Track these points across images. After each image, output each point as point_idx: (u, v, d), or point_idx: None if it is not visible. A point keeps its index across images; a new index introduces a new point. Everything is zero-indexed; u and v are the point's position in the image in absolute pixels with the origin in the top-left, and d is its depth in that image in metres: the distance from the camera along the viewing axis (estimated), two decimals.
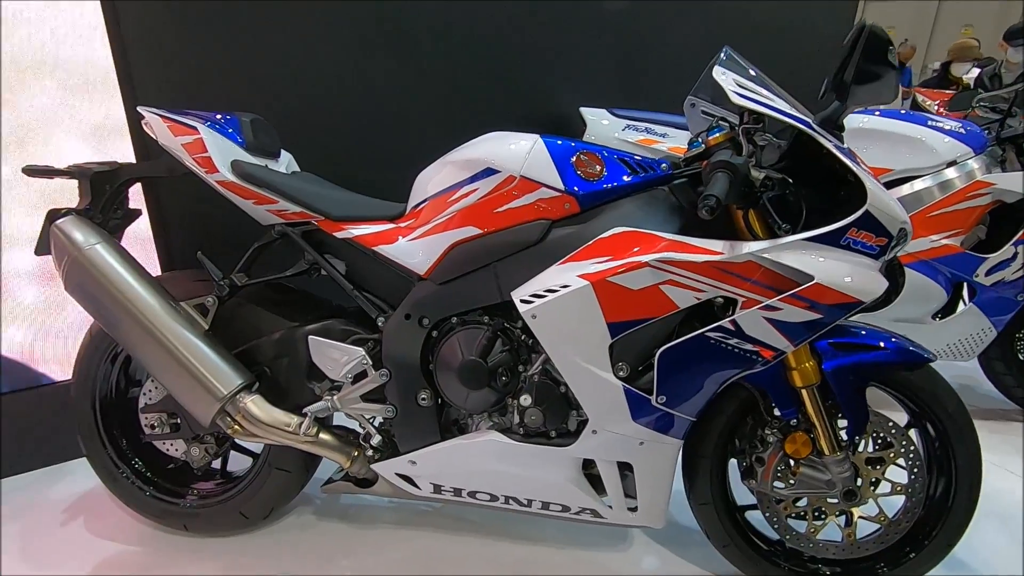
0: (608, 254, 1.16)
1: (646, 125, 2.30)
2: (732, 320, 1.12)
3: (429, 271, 1.30)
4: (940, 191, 2.02)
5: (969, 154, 2.03)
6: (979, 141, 2.04)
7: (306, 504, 1.76)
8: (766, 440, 1.33)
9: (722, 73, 1.18)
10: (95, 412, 1.57)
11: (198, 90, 1.85)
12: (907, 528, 1.36)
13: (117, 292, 1.30)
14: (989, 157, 2.05)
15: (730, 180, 1.05)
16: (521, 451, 1.29)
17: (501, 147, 1.24)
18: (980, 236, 2.06)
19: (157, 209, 1.91)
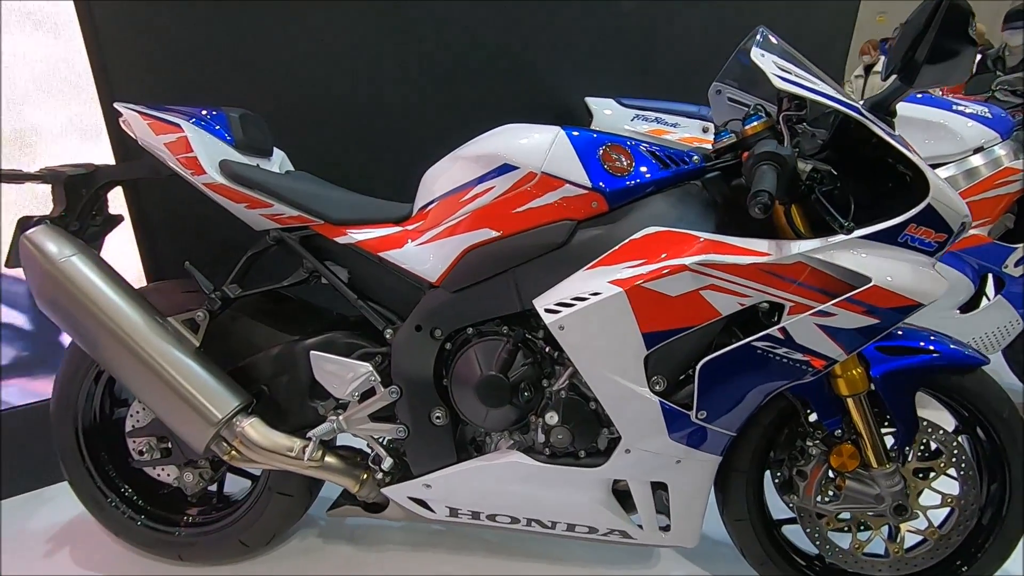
0: (641, 257, 1.05)
1: (656, 115, 2.19)
2: (782, 328, 1.02)
3: (441, 278, 1.19)
4: (966, 179, 1.93)
5: (996, 139, 1.94)
6: (1006, 125, 1.96)
7: (309, 526, 1.65)
8: (808, 452, 1.24)
9: (761, 55, 1.07)
10: (78, 435, 1.44)
11: (180, 83, 1.71)
12: (959, 541, 1.27)
13: (96, 308, 1.17)
14: (1016, 142, 1.96)
15: (778, 173, 0.95)
16: (547, 473, 1.18)
17: (519, 141, 1.13)
18: (1008, 225, 1.98)
19: (140, 215, 1.77)
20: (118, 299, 1.19)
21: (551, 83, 2.31)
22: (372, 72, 1.96)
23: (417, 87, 2.05)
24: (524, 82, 2.25)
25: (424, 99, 2.07)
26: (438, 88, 2.09)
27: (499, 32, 2.12)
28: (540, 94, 2.31)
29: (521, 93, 2.25)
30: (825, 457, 1.21)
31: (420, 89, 2.06)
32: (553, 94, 2.33)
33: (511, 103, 2.22)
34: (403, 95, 2.04)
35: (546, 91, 2.30)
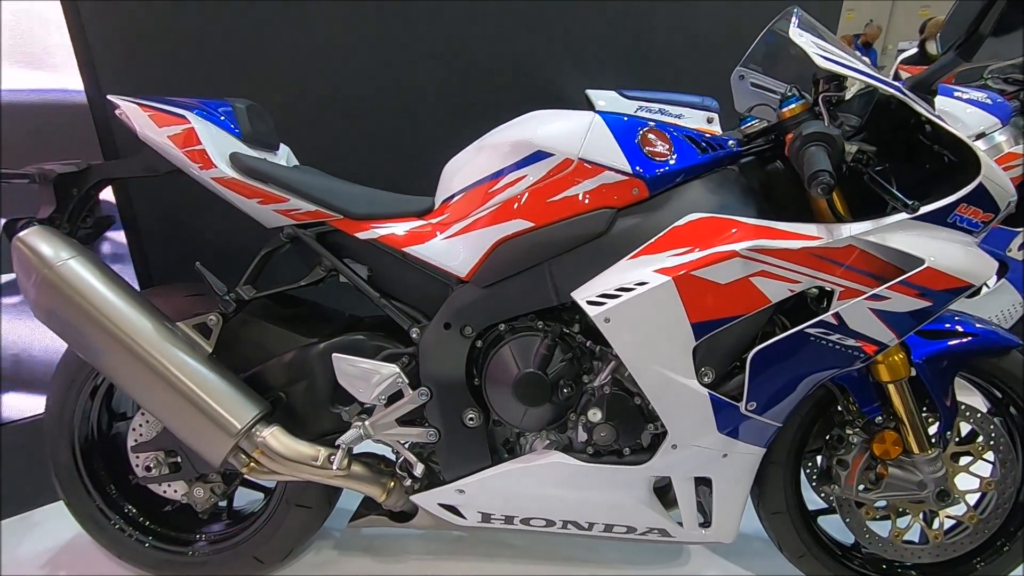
0: (687, 244, 1.01)
1: (659, 106, 2.15)
2: (835, 314, 0.99)
3: (471, 273, 1.13)
4: None
5: (996, 125, 1.96)
6: (1005, 111, 1.98)
7: (324, 538, 1.57)
8: (848, 441, 1.21)
9: (800, 34, 1.05)
10: (74, 453, 1.35)
11: (170, 78, 1.61)
12: (998, 525, 1.27)
13: (101, 315, 1.08)
14: (1015, 128, 1.99)
15: (828, 153, 0.92)
16: (590, 473, 1.14)
17: (552, 126, 1.08)
18: (1011, 210, 2.00)
19: (131, 216, 1.67)
20: (124, 304, 1.10)
21: (549, 75, 2.26)
22: (370, 67, 1.89)
23: (418, 81, 1.98)
24: (523, 76, 2.20)
25: (425, 93, 2.00)
26: (438, 82, 2.02)
27: (498, 27, 2.07)
28: (539, 88, 2.26)
29: (520, 87, 2.20)
30: (867, 445, 1.19)
31: (421, 83, 1.99)
32: (551, 86, 2.29)
33: (510, 97, 2.16)
34: (404, 89, 1.96)
35: (545, 84, 2.25)
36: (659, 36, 2.38)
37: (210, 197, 1.69)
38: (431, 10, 1.94)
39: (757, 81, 1.33)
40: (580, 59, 2.29)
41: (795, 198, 1.11)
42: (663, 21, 2.39)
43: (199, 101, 1.24)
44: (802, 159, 0.94)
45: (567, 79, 2.27)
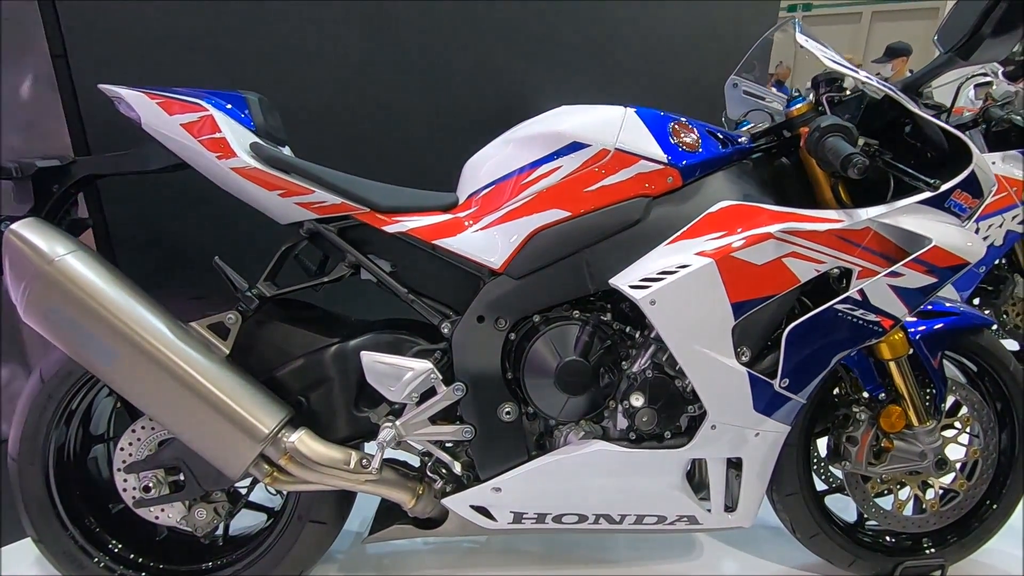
0: (721, 229, 1.07)
1: None
2: (860, 290, 1.06)
3: (505, 264, 1.13)
4: None
5: None
6: None
7: (326, 562, 1.46)
8: (856, 418, 1.29)
9: (806, 40, 1.15)
10: (48, 482, 1.19)
11: (150, 68, 1.52)
12: (983, 490, 1.38)
13: (110, 315, 0.98)
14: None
15: (847, 141, 1.01)
16: (631, 459, 1.14)
17: (587, 118, 1.11)
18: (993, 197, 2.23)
19: (101, 221, 1.54)
20: (134, 303, 1.01)
21: (530, 88, 2.32)
22: (355, 77, 1.86)
23: (401, 91, 1.98)
24: (504, 88, 2.24)
25: (408, 103, 2.00)
26: (421, 93, 2.02)
27: (481, 41, 2.11)
28: (519, 99, 2.31)
29: (501, 99, 2.24)
30: (874, 421, 1.27)
31: (405, 94, 1.98)
32: (532, 99, 2.35)
33: (492, 108, 2.20)
34: (388, 99, 1.95)
35: (525, 96, 2.31)
36: (632, 46, 2.50)
37: (187, 203, 1.60)
38: (414, 22, 1.95)
39: (749, 89, 1.43)
40: (554, 73, 2.36)
41: (800, 190, 1.20)
42: (636, 32, 2.52)
43: (206, 91, 1.17)
44: (824, 148, 1.02)
45: (546, 90, 2.33)
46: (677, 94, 2.50)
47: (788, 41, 1.36)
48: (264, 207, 1.14)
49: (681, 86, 2.48)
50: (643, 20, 2.50)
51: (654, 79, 2.62)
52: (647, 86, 2.62)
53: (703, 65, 2.50)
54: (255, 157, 1.09)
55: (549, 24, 2.26)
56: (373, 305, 1.38)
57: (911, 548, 1.40)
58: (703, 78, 2.48)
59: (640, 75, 2.59)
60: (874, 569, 1.39)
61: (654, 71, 2.59)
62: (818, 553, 1.40)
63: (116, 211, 1.55)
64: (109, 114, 1.34)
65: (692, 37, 2.65)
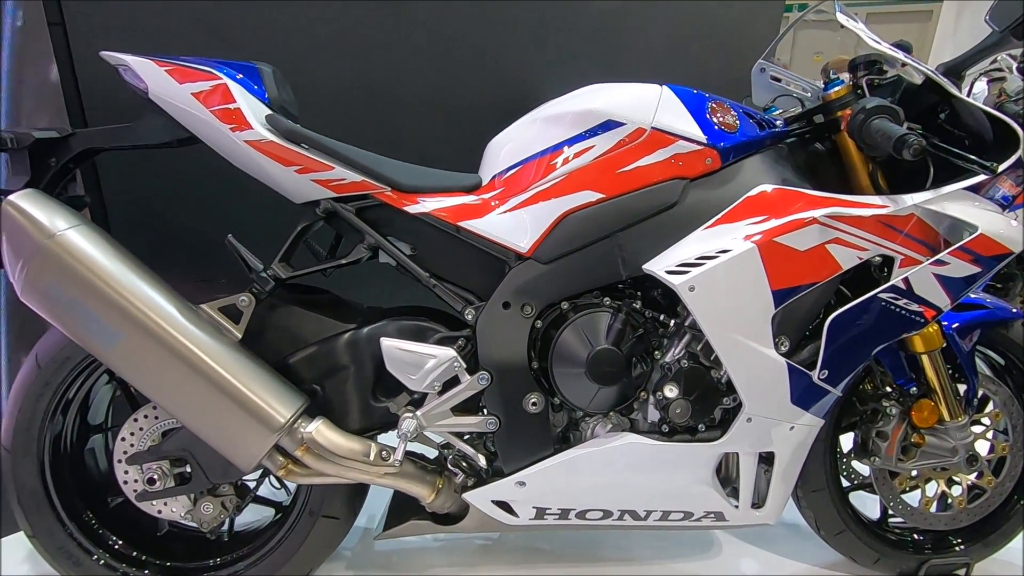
0: (762, 213, 1.02)
1: None
2: (904, 279, 1.02)
3: (533, 247, 1.07)
4: None
5: None
6: None
7: (334, 560, 1.40)
8: (886, 413, 1.25)
9: (847, 19, 1.11)
10: (44, 475, 1.12)
11: (151, 39, 1.44)
12: (1011, 487, 1.35)
13: (115, 294, 0.91)
14: None
15: (895, 123, 0.97)
16: (663, 453, 1.09)
17: (621, 96, 1.06)
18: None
19: (98, 201, 1.46)
20: (141, 281, 0.94)
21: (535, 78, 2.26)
22: (359, 66, 1.79)
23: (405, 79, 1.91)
24: (510, 76, 2.18)
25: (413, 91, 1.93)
26: (425, 81, 1.96)
27: (484, 30, 2.05)
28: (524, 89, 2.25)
29: (505, 89, 2.18)
30: (905, 415, 1.24)
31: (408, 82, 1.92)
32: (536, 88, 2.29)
33: (496, 98, 2.14)
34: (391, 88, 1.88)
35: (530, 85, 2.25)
36: (640, 38, 2.45)
37: (191, 182, 1.53)
38: (423, 6, 1.88)
39: (776, 73, 1.39)
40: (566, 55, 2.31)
41: (835, 176, 1.16)
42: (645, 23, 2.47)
43: (217, 61, 1.10)
44: (872, 130, 0.98)
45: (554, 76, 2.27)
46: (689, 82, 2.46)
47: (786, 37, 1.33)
48: (279, 184, 1.07)
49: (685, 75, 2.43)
50: (652, 12, 2.46)
51: (662, 67, 2.57)
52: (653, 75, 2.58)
53: (708, 60, 2.46)
54: (271, 130, 1.03)
55: (558, 11, 2.21)
56: (390, 292, 1.32)
57: (936, 546, 1.38)
58: (709, 72, 2.44)
59: (648, 64, 2.55)
60: (899, 567, 1.37)
61: (662, 60, 2.54)
62: (842, 551, 1.37)
63: (114, 190, 1.48)
64: (109, 86, 1.27)
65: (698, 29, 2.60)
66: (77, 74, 1.36)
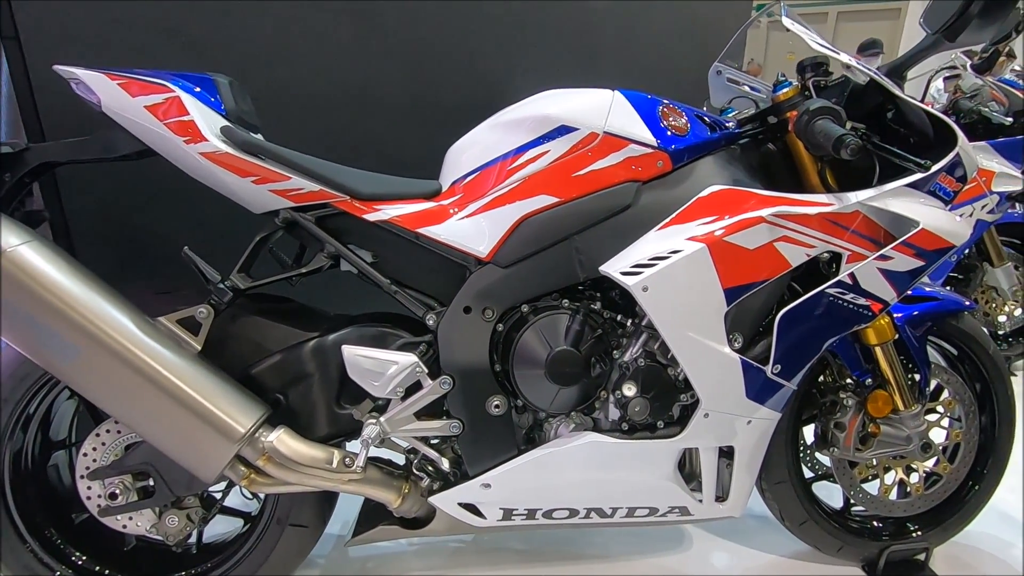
0: (712, 214, 1.05)
1: None
2: (850, 274, 1.06)
3: (492, 252, 1.09)
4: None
5: None
6: None
7: (307, 568, 1.40)
8: (843, 404, 1.29)
9: (792, 23, 1.14)
10: (3, 492, 1.11)
11: (110, 51, 1.43)
12: (965, 472, 1.40)
13: (69, 309, 0.91)
14: None
15: (836, 123, 1.00)
16: (624, 450, 1.11)
17: (574, 101, 1.08)
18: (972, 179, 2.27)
19: (58, 212, 1.45)
20: (96, 297, 0.94)
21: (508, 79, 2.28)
22: (336, 69, 1.80)
23: (382, 83, 1.92)
24: (481, 79, 2.20)
25: (389, 94, 1.94)
26: (402, 84, 1.97)
27: (461, 33, 2.06)
28: (499, 90, 2.27)
29: (481, 90, 2.20)
30: (861, 406, 1.28)
31: (385, 85, 1.93)
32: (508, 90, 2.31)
33: (469, 99, 2.16)
34: (368, 90, 1.89)
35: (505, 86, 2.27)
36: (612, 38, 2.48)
37: (152, 193, 1.52)
38: (396, 9, 1.90)
39: (733, 76, 1.42)
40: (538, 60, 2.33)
41: (786, 175, 1.19)
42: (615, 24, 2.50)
43: (171, 73, 1.10)
44: (815, 131, 1.01)
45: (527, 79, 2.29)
46: (655, 84, 2.49)
47: (759, 37, 1.35)
48: (236, 195, 1.08)
49: (659, 76, 2.48)
50: (623, 12, 2.49)
51: (634, 69, 2.60)
52: (627, 76, 2.61)
53: (680, 58, 2.50)
54: (226, 142, 1.03)
55: (531, 13, 2.23)
56: (354, 300, 1.33)
57: (896, 533, 1.42)
58: (680, 70, 2.48)
59: (620, 65, 2.58)
60: (861, 554, 1.40)
61: (634, 61, 2.57)
62: (807, 540, 1.40)
63: (75, 202, 1.46)
64: (65, 98, 1.26)
65: (669, 29, 2.64)
66: (33, 87, 1.35)
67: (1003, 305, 2.47)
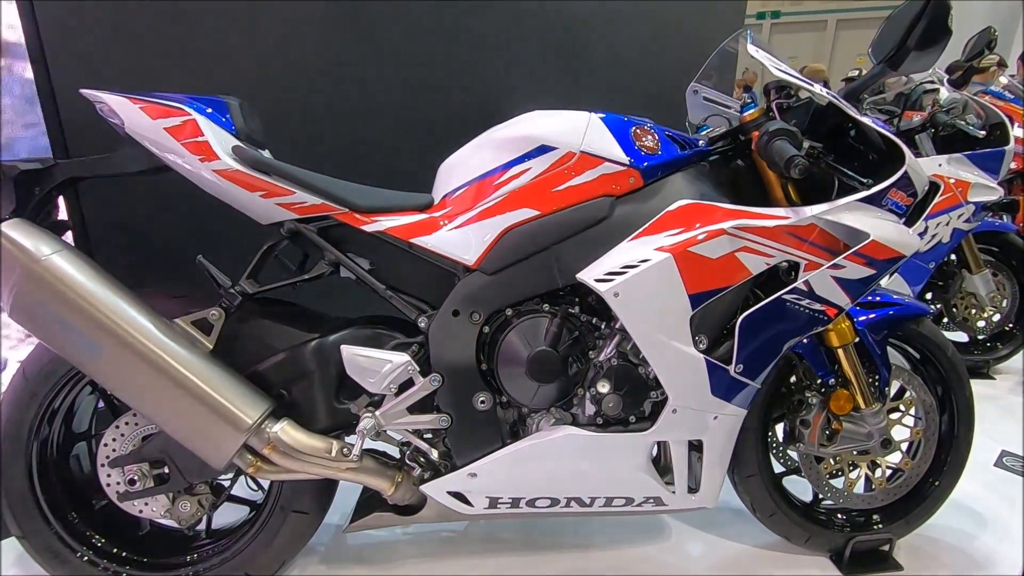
0: (680, 226, 1.14)
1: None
2: (806, 281, 1.15)
3: (479, 260, 1.19)
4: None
5: None
6: None
7: (307, 555, 1.50)
8: (808, 403, 1.38)
9: (756, 51, 1.24)
10: (32, 480, 1.22)
11: (129, 75, 1.55)
12: (926, 468, 1.48)
13: (96, 311, 1.02)
14: None
15: (793, 144, 1.10)
16: (599, 443, 1.21)
17: (554, 123, 1.18)
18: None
19: (80, 222, 1.56)
20: (119, 300, 1.05)
21: (500, 95, 2.39)
22: (335, 84, 1.91)
23: (378, 97, 2.03)
24: (474, 93, 2.31)
25: (385, 108, 2.05)
26: (398, 99, 2.08)
27: (453, 45, 2.17)
28: (491, 105, 2.37)
29: (472, 104, 2.30)
30: (824, 404, 1.37)
31: (382, 99, 2.04)
32: (499, 107, 2.42)
33: (464, 114, 2.26)
34: (366, 104, 2.00)
35: (496, 102, 2.37)
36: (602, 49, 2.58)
37: (166, 204, 1.63)
38: (390, 27, 2.01)
39: (709, 96, 1.52)
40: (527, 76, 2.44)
41: (754, 190, 1.29)
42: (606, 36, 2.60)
43: (187, 96, 1.21)
44: (772, 151, 1.10)
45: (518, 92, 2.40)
46: (646, 96, 2.59)
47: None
48: (246, 208, 1.18)
49: (649, 88, 2.58)
50: (614, 23, 2.59)
51: (624, 81, 2.70)
52: (617, 88, 2.71)
53: (672, 69, 2.60)
54: (237, 160, 1.14)
55: (522, 27, 2.34)
56: (353, 304, 1.43)
57: (861, 524, 1.50)
58: (672, 81, 2.58)
59: (610, 77, 2.68)
60: (828, 545, 1.49)
61: (624, 73, 2.68)
62: (776, 531, 1.49)
63: (95, 212, 1.57)
64: (88, 117, 1.37)
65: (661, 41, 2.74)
66: (59, 107, 1.46)
67: (982, 311, 2.55)
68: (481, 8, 2.14)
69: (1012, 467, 1.92)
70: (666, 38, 2.75)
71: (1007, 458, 1.97)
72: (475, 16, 2.14)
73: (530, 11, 2.29)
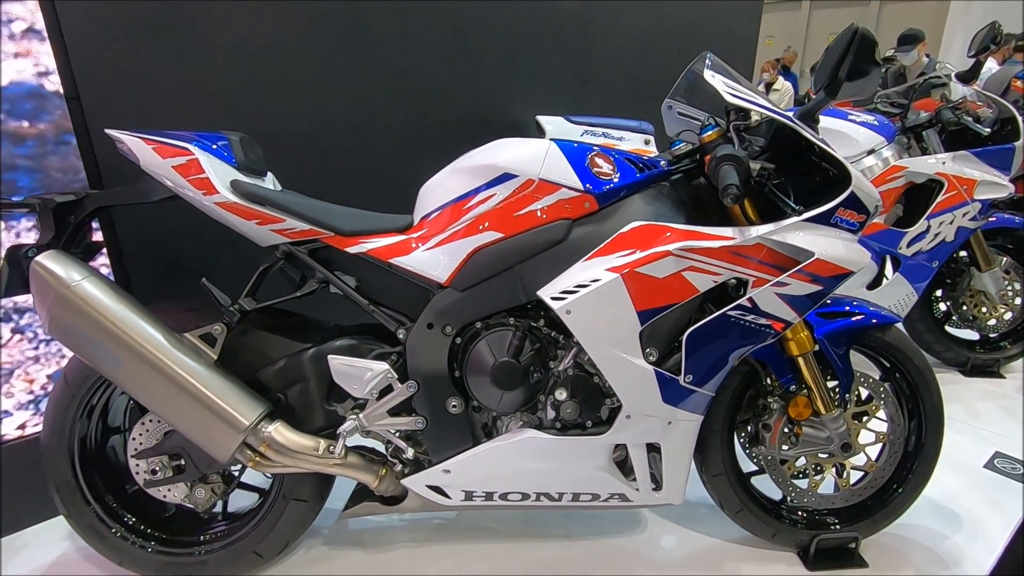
0: (631, 247, 1.23)
1: (603, 130, 2.42)
2: (749, 298, 1.22)
3: (450, 279, 1.31)
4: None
5: (883, 143, 2.32)
6: (890, 131, 2.34)
7: (314, 536, 1.68)
8: (769, 408, 1.46)
9: (712, 76, 1.30)
10: (74, 468, 1.42)
11: (153, 108, 1.73)
12: (891, 470, 1.53)
13: (117, 329, 1.19)
14: (898, 145, 2.36)
15: (737, 170, 1.17)
16: (559, 445, 1.32)
17: (515, 152, 1.28)
18: (899, 213, 2.36)
19: (113, 241, 1.76)
20: (136, 319, 1.22)
21: (502, 101, 2.48)
22: (341, 106, 2.05)
23: (382, 115, 2.16)
24: (476, 104, 2.41)
25: (389, 126, 2.18)
26: (401, 116, 2.21)
27: (456, 66, 2.28)
28: (492, 114, 2.48)
29: (475, 117, 2.41)
30: (784, 410, 1.44)
31: (385, 117, 2.17)
32: (504, 114, 2.51)
33: (466, 123, 2.37)
34: (370, 123, 2.14)
35: (497, 111, 2.48)
36: (599, 64, 2.65)
37: (189, 227, 1.81)
38: (394, 52, 2.13)
39: (683, 111, 1.58)
40: (528, 84, 2.53)
41: (716, 207, 1.35)
42: (601, 51, 2.67)
43: (195, 134, 1.37)
44: (717, 175, 1.18)
45: (516, 104, 2.50)
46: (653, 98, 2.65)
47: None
48: (245, 233, 1.34)
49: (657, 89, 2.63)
50: (618, 27, 2.65)
51: (632, 82, 2.76)
52: (619, 93, 2.77)
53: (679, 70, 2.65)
54: (234, 192, 1.29)
55: (525, 43, 2.43)
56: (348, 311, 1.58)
57: (825, 523, 1.57)
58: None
59: (616, 79, 2.74)
60: (793, 541, 1.57)
61: (625, 79, 2.73)
62: (744, 527, 1.57)
63: (127, 233, 1.77)
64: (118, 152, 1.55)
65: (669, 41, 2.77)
66: (92, 142, 1.65)
67: (993, 309, 2.51)
68: (488, 10, 2.24)
69: (1003, 469, 1.93)
70: (674, 39, 2.79)
71: (999, 460, 1.98)
72: (481, 20, 2.24)
73: (539, 11, 2.37)
